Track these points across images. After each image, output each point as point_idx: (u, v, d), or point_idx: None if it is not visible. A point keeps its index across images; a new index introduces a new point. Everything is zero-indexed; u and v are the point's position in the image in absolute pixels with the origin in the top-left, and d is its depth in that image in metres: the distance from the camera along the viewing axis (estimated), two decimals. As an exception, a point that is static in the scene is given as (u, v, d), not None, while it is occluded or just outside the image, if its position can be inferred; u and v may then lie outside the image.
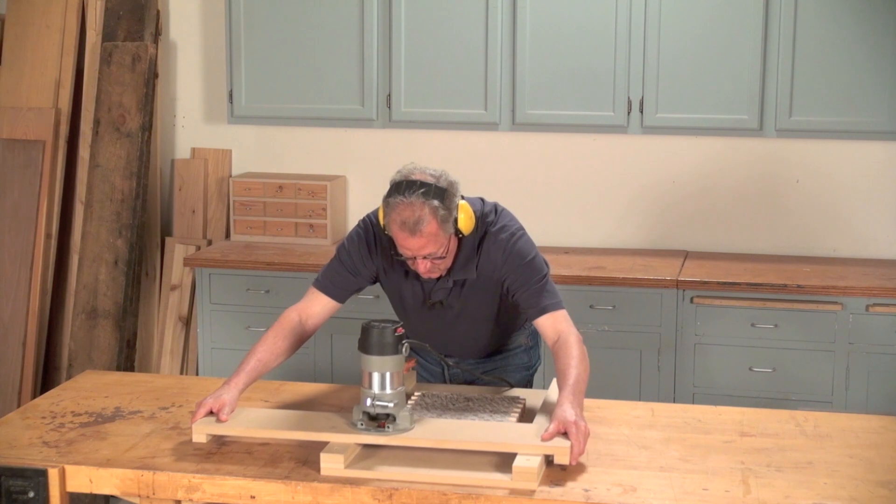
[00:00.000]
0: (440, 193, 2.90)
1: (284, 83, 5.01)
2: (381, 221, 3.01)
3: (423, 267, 2.99)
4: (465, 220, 3.00)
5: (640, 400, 4.39)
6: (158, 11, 5.28)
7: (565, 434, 2.71)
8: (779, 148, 4.95)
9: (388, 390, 2.80)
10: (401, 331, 2.82)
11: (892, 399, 4.42)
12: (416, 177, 2.93)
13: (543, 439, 2.72)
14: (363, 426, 2.80)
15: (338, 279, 3.17)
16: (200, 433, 2.89)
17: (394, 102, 4.91)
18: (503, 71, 4.81)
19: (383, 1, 4.87)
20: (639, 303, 4.59)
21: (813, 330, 4.47)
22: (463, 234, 3.02)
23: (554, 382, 3.18)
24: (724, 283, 4.50)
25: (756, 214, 5.02)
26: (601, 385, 3.36)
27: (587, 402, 3.18)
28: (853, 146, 4.89)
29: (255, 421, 2.92)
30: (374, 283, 3.23)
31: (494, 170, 5.18)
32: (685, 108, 4.69)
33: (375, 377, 2.81)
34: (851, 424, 3.03)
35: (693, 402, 4.41)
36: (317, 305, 3.16)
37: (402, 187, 2.91)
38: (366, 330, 2.82)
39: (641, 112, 4.71)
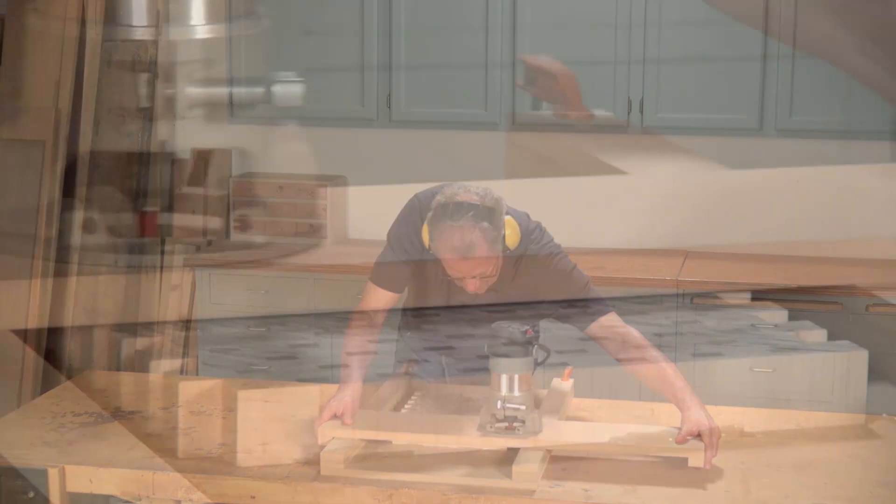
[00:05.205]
0: (488, 214, 2.85)
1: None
2: (427, 244, 2.93)
3: (472, 286, 2.94)
4: (512, 236, 2.95)
5: (640, 400, 4.38)
6: (159, 11, 5.27)
7: (698, 436, 2.73)
8: (779, 148, 4.94)
9: (517, 392, 2.78)
10: (530, 333, 2.79)
11: (892, 399, 4.42)
12: (462, 198, 2.86)
13: (678, 442, 2.74)
14: (492, 429, 2.78)
15: (391, 271, 3.12)
16: (327, 436, 2.82)
17: (394, 102, 4.91)
18: (503, 71, 4.81)
19: (383, 1, 4.86)
20: (639, 303, 4.59)
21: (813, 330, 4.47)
22: (510, 250, 2.97)
23: (554, 380, 3.19)
24: (725, 283, 4.50)
25: (756, 214, 5.01)
26: (601, 385, 3.36)
27: (590, 402, 3.20)
28: (853, 146, 4.88)
29: (380, 423, 2.87)
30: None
31: (494, 170, 5.18)
32: (685, 108, 4.68)
33: (504, 379, 2.78)
34: (851, 424, 3.03)
35: (693, 402, 4.40)
36: (378, 301, 3.11)
37: (450, 210, 2.84)
38: (496, 332, 2.79)
39: (641, 112, 4.70)
